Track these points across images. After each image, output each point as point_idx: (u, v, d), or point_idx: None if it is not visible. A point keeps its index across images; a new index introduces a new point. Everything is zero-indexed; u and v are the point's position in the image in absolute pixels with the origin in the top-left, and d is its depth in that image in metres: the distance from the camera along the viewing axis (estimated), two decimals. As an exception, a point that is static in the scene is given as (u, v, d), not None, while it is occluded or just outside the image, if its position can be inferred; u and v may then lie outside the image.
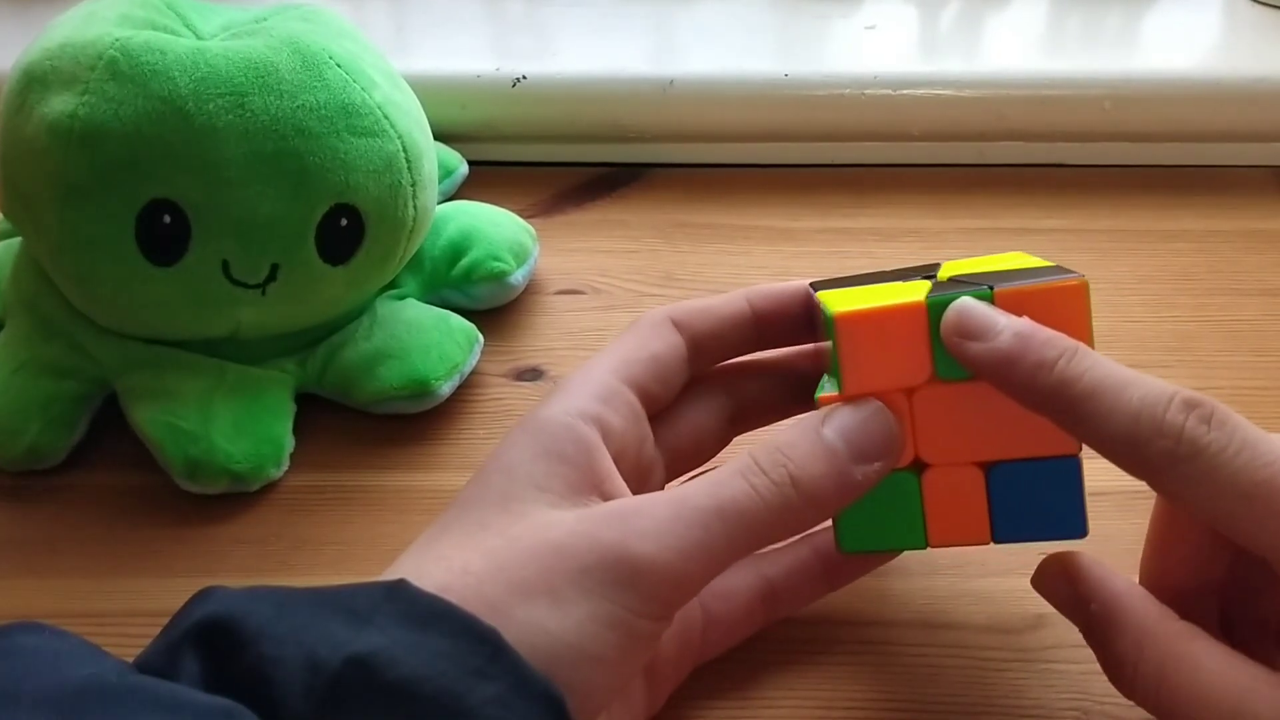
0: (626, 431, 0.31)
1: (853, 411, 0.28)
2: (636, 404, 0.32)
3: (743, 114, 0.53)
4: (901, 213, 0.51)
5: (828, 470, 0.28)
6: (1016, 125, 0.53)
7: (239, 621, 0.24)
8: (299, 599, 0.25)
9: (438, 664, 0.24)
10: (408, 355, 0.41)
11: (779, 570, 0.33)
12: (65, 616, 0.36)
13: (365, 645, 0.24)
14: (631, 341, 0.33)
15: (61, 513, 0.39)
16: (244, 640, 0.24)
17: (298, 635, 0.24)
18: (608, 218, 0.52)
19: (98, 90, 0.37)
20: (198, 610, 0.25)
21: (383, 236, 0.40)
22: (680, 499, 0.27)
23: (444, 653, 0.24)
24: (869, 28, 0.57)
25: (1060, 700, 0.33)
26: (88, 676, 0.23)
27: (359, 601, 0.25)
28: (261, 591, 0.26)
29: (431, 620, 0.24)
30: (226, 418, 0.39)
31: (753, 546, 0.27)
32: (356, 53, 0.41)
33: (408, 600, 0.25)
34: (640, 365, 0.32)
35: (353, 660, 0.23)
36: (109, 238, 0.38)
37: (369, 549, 0.38)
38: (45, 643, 0.24)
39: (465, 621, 0.24)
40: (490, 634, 0.24)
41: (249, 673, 0.24)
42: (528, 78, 0.53)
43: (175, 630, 0.25)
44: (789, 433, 0.28)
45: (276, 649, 0.24)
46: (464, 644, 0.24)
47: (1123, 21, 0.57)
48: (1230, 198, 0.52)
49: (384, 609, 0.25)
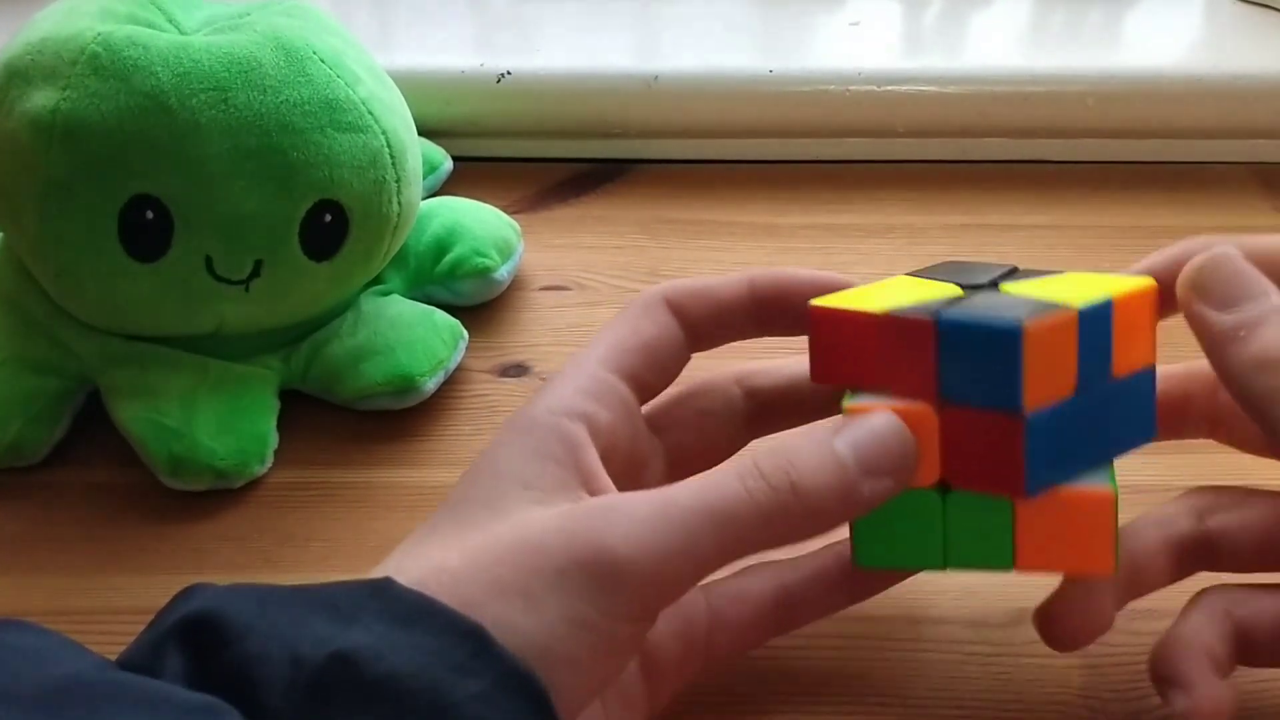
0: (617, 426, 0.30)
1: (868, 423, 0.27)
2: (628, 395, 0.31)
3: (727, 110, 0.53)
4: (886, 209, 0.52)
5: (833, 481, 0.26)
6: (1000, 122, 0.53)
7: (222, 618, 0.24)
8: (283, 596, 0.25)
9: (421, 660, 0.24)
10: (392, 351, 0.41)
11: (798, 577, 0.32)
12: (48, 614, 0.36)
13: (349, 642, 0.24)
14: (624, 327, 0.31)
15: (43, 510, 0.39)
16: (227, 637, 0.24)
17: (281, 632, 0.24)
18: (592, 213, 0.52)
19: (79, 85, 0.37)
20: (182, 607, 0.25)
21: (367, 233, 0.40)
22: (666, 498, 0.26)
23: (428, 649, 0.24)
24: (853, 24, 0.57)
25: (1044, 695, 0.33)
26: (69, 674, 0.23)
27: (342, 599, 0.25)
28: (245, 589, 0.25)
29: (416, 617, 0.24)
30: (210, 414, 0.39)
31: (742, 553, 0.26)
32: (340, 48, 0.41)
33: (392, 598, 0.25)
34: (632, 354, 0.31)
35: (336, 656, 0.23)
36: (91, 234, 0.38)
37: (353, 545, 0.38)
38: (26, 640, 0.24)
39: (449, 618, 0.24)
40: (474, 630, 0.24)
41: (232, 669, 0.23)
42: (512, 73, 0.53)
43: (159, 627, 0.25)
44: (797, 438, 0.27)
45: (260, 645, 0.24)
46: (448, 640, 0.24)
47: (1105, 19, 0.57)
48: (1211, 195, 0.52)
49: (368, 606, 0.24)
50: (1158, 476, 0.39)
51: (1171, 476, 0.39)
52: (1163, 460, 0.39)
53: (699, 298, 0.32)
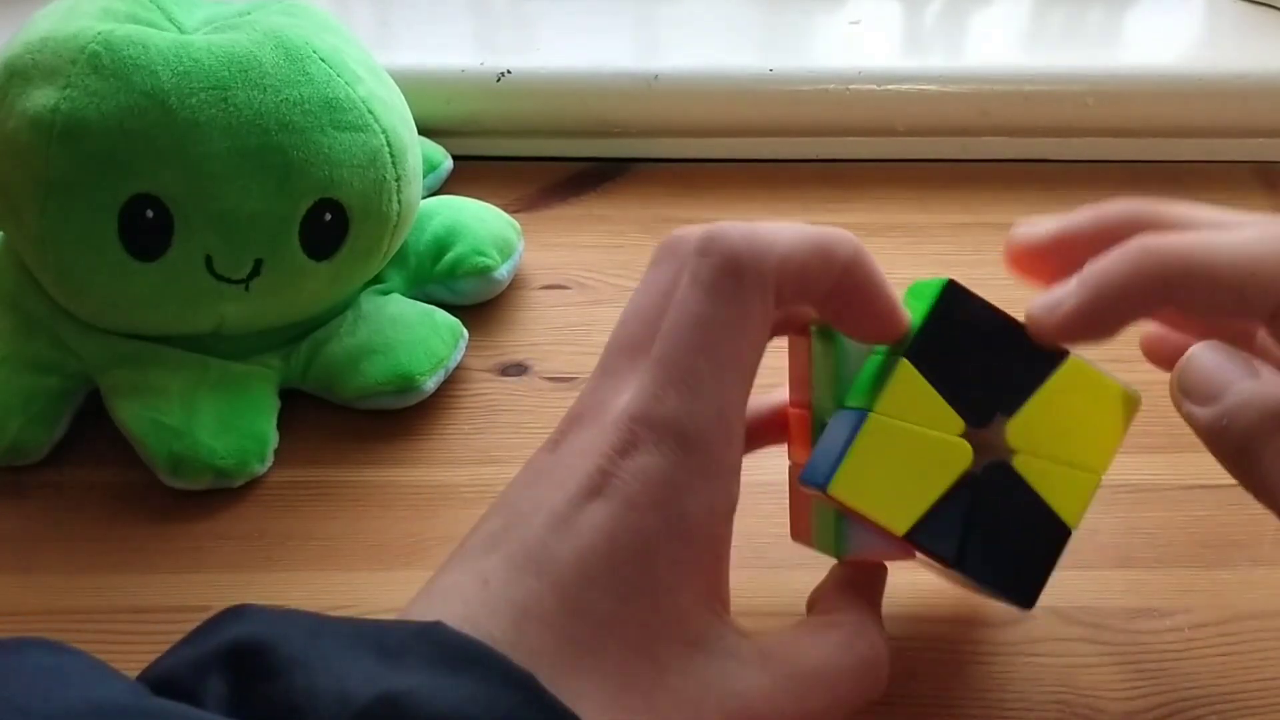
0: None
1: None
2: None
3: (727, 109, 0.53)
4: (886, 208, 0.52)
5: None
6: (1000, 121, 0.53)
7: (271, 646, 0.24)
8: (332, 629, 0.25)
9: (469, 708, 0.23)
10: (392, 351, 0.41)
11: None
12: (48, 613, 0.36)
13: (397, 684, 0.23)
14: (744, 340, 0.28)
15: (43, 509, 0.39)
16: (275, 667, 0.23)
17: (330, 666, 0.23)
18: (592, 213, 0.52)
19: (79, 84, 0.37)
20: (230, 629, 0.24)
21: (367, 232, 0.40)
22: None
23: (476, 696, 0.23)
24: (853, 23, 0.57)
25: (1042, 694, 0.33)
26: (100, 700, 0.22)
27: (391, 638, 0.24)
28: (296, 616, 0.25)
29: (464, 664, 0.24)
30: (210, 413, 0.39)
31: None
32: (340, 47, 0.41)
33: (440, 641, 0.24)
34: (751, 383, 0.29)
35: (384, 698, 0.23)
36: (91, 233, 0.38)
37: (353, 545, 0.38)
38: (54, 661, 0.23)
39: (499, 665, 0.24)
40: (525, 679, 0.24)
41: (279, 701, 0.23)
42: (512, 72, 0.53)
43: (203, 645, 0.24)
44: None
45: (307, 679, 0.23)
46: (496, 688, 0.23)
47: (1105, 17, 0.57)
48: (1212, 193, 0.52)
49: (416, 649, 0.24)
50: (1158, 476, 0.39)
51: (1172, 476, 0.39)
52: (1163, 460, 0.39)
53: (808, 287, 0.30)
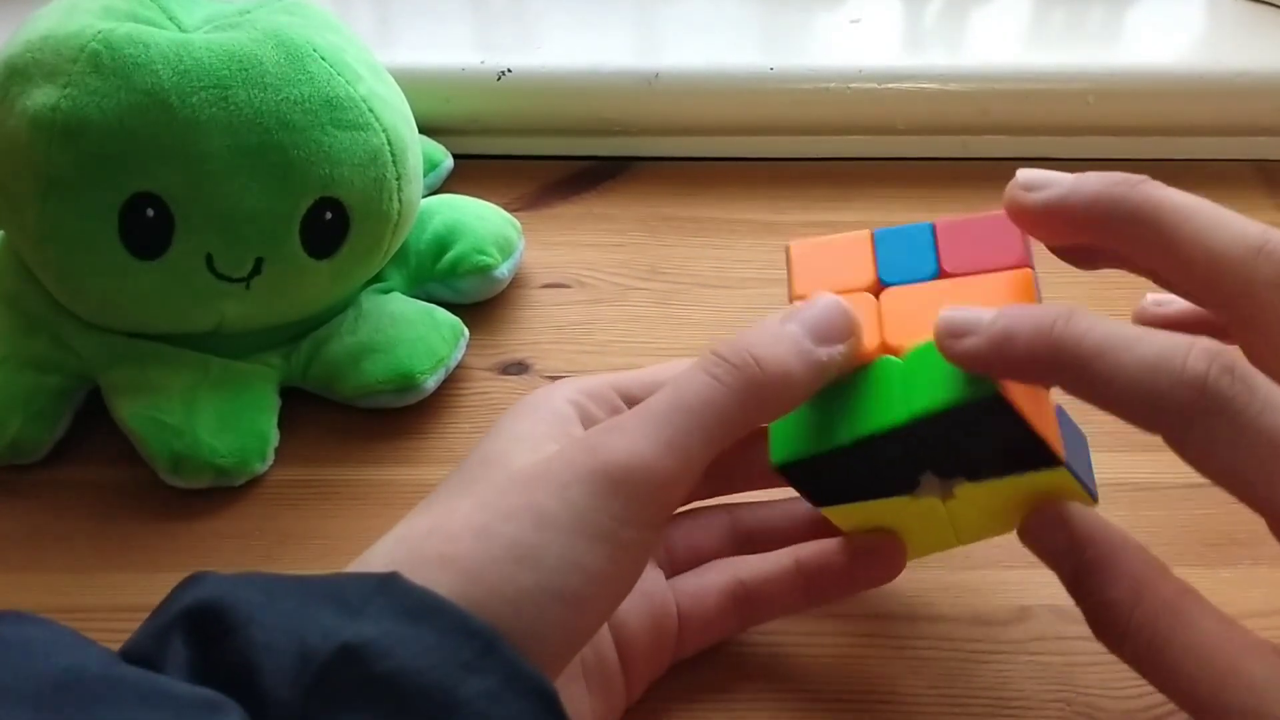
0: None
1: (811, 303, 0.29)
2: (623, 408, 0.32)
3: (727, 107, 0.53)
4: (886, 206, 0.52)
5: (791, 349, 0.28)
6: (1000, 119, 0.53)
7: (228, 607, 0.24)
8: (289, 586, 0.25)
9: (429, 657, 0.24)
10: (393, 349, 0.41)
11: (754, 575, 0.33)
12: (48, 612, 0.35)
13: (357, 635, 0.24)
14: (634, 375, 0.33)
15: (44, 508, 0.39)
16: (233, 625, 0.24)
17: (288, 622, 0.24)
18: (593, 211, 0.52)
19: (80, 83, 0.37)
20: (187, 595, 0.25)
21: (367, 230, 0.40)
22: (645, 407, 0.28)
23: (435, 646, 0.24)
24: (854, 21, 0.57)
25: (1044, 692, 0.33)
26: (68, 667, 0.23)
27: (350, 592, 0.25)
28: (250, 577, 0.25)
29: (424, 614, 0.24)
30: (211, 412, 0.39)
31: (727, 435, 0.27)
32: (340, 45, 0.40)
33: (400, 593, 0.25)
34: (639, 387, 0.32)
35: (344, 650, 0.23)
36: (92, 231, 0.38)
37: (354, 543, 0.37)
38: (26, 632, 0.24)
39: (458, 616, 0.24)
40: (483, 629, 0.24)
41: (237, 659, 0.23)
42: (513, 71, 0.53)
43: (164, 615, 0.25)
44: (747, 329, 0.29)
45: (266, 635, 0.24)
46: (456, 638, 0.24)
47: (1106, 15, 0.57)
48: (1213, 192, 0.51)
49: (375, 601, 0.25)
50: (1158, 476, 0.39)
51: (1172, 475, 0.39)
52: (1163, 459, 0.39)
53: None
